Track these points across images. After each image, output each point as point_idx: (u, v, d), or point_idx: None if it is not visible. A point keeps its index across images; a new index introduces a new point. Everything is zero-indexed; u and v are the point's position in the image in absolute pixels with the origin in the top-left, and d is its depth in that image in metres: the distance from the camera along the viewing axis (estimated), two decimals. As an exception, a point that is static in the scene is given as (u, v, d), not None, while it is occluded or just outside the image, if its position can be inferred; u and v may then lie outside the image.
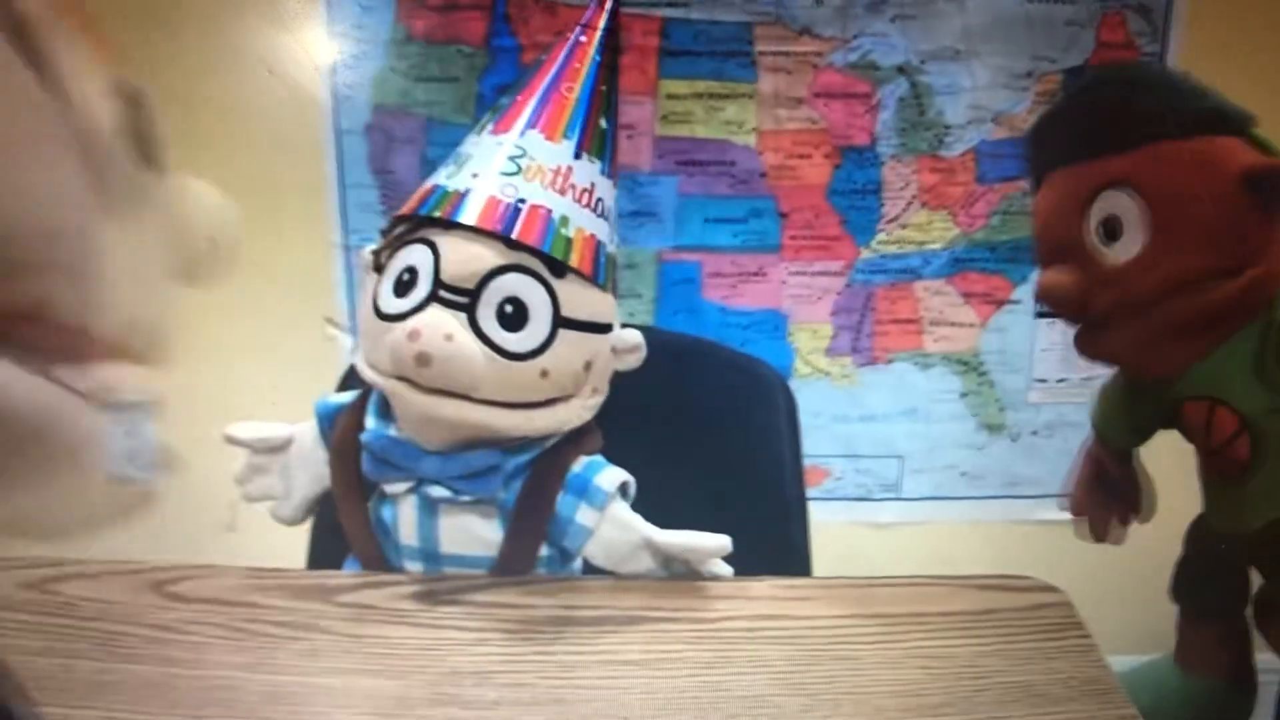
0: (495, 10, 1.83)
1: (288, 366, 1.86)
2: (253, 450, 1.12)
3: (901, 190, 1.94)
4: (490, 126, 1.03)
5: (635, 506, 1.04)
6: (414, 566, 1.04)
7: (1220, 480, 1.16)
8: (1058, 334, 2.04)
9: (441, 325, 0.93)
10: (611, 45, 1.07)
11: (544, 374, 0.97)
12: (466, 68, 1.85)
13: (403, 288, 0.97)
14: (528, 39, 1.84)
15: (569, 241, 0.98)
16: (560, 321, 0.97)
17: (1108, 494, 1.31)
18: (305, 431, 1.11)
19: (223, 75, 1.85)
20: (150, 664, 0.87)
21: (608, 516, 1.02)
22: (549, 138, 1.01)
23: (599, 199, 1.03)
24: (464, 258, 0.95)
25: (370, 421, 1.03)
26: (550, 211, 0.98)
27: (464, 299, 0.95)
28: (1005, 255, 2.00)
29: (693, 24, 1.84)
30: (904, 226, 1.96)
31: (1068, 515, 1.35)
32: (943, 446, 2.12)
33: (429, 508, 1.01)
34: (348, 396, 1.09)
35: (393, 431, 1.02)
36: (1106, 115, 1.07)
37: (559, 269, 0.97)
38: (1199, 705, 1.39)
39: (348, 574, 1.04)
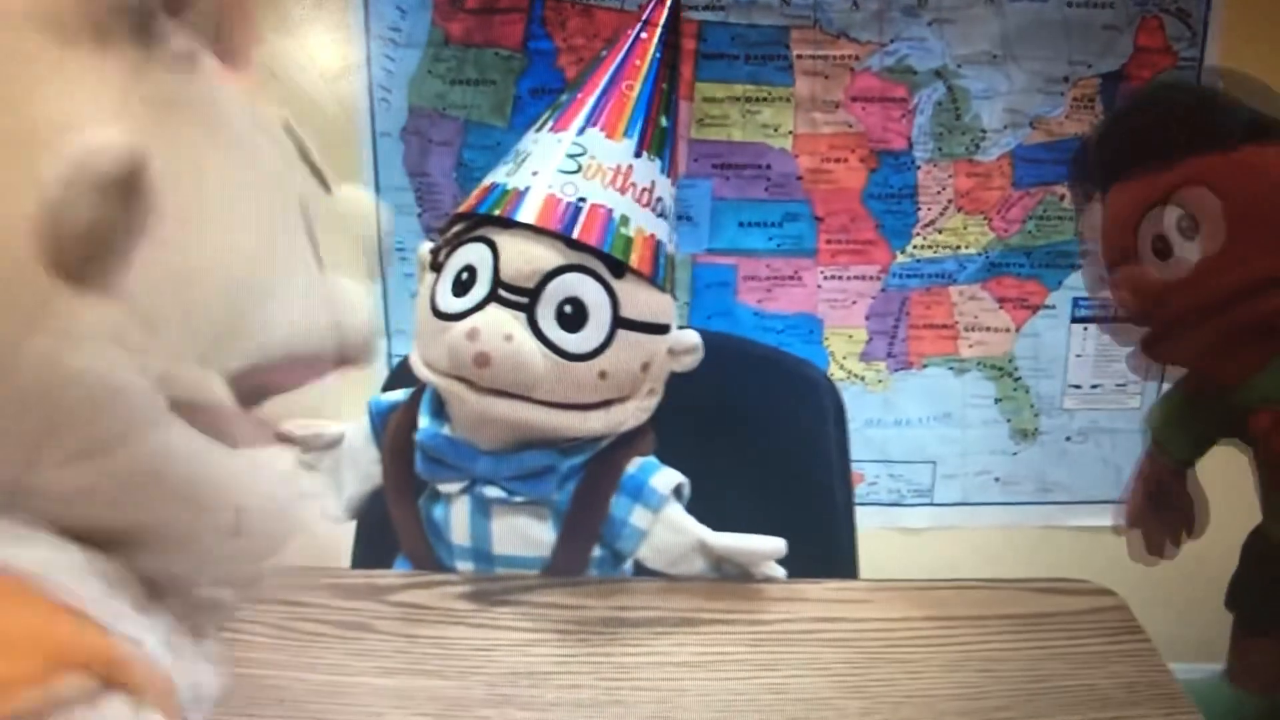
0: (532, 13, 1.83)
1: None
2: (303, 448, 1.11)
3: (937, 194, 1.94)
4: (550, 124, 1.02)
5: (685, 508, 1.04)
6: (465, 566, 1.04)
7: None
8: (1092, 340, 2.03)
9: (501, 325, 0.93)
10: (672, 43, 1.06)
11: (602, 375, 0.96)
12: (503, 70, 1.85)
13: (461, 287, 0.96)
14: (564, 42, 1.84)
15: (629, 241, 0.97)
16: (619, 322, 0.96)
17: (1163, 509, 1.29)
18: (356, 430, 1.11)
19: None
20: (200, 662, 0.87)
21: (662, 519, 1.01)
22: (609, 136, 1.00)
23: (659, 198, 1.01)
24: (524, 257, 0.94)
25: (424, 420, 1.02)
26: (610, 211, 0.97)
27: (523, 299, 0.94)
28: (1040, 260, 1.99)
29: (730, 27, 1.84)
30: (939, 231, 1.96)
31: (1101, 521, 1.35)
32: (976, 452, 2.11)
33: (482, 508, 1.01)
34: (401, 395, 1.09)
35: (447, 431, 1.01)
36: (1178, 120, 1.06)
37: (618, 269, 0.96)
38: None
39: (398, 573, 1.04)
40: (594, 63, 1.06)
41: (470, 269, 0.96)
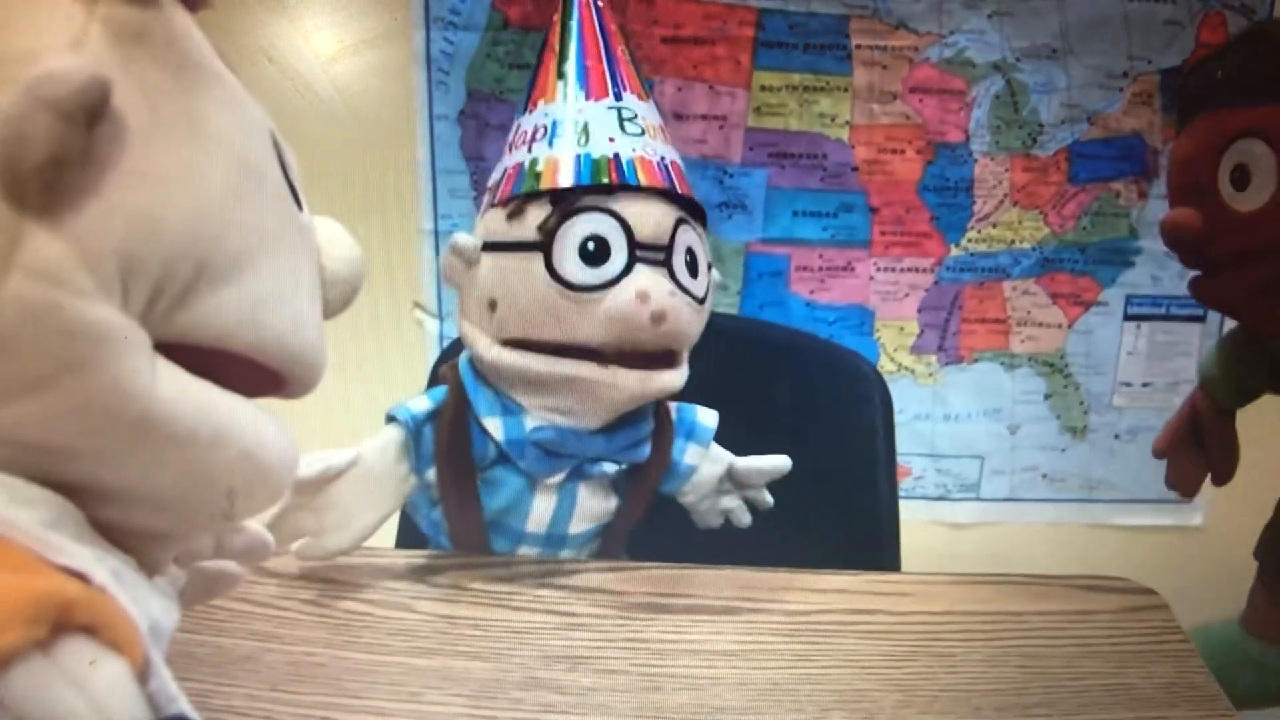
0: (591, -2, 1.83)
1: (375, 351, 1.86)
2: (313, 490, 0.99)
3: (993, 188, 1.93)
4: (581, 95, 1.03)
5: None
6: (530, 553, 1.05)
7: None
8: (1144, 338, 2.02)
9: (660, 284, 0.97)
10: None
11: (704, 320, 1.04)
12: (561, 55, 1.85)
13: (592, 258, 0.97)
14: (622, 28, 1.84)
15: (691, 189, 1.04)
16: (709, 265, 1.05)
17: (1195, 448, 1.29)
18: (374, 449, 1.02)
19: (313, 61, 1.86)
20: (238, 637, 0.88)
21: (709, 455, 1.09)
22: (640, 97, 1.05)
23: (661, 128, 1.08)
24: (652, 217, 0.99)
25: (497, 420, 1.02)
26: (677, 162, 1.04)
27: (661, 255, 0.99)
28: (1095, 257, 1.98)
29: (788, 15, 1.83)
30: (994, 225, 1.95)
31: (1148, 520, 1.35)
32: (1024, 448, 2.10)
33: (572, 492, 1.04)
34: (429, 400, 1.04)
35: (558, 421, 1.02)
36: (1256, 65, 1.05)
37: (698, 214, 1.04)
38: (1268, 671, 1.37)
39: (439, 554, 1.04)
40: (570, 31, 1.07)
41: (597, 238, 0.97)
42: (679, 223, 1.00)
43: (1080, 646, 0.91)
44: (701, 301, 1.02)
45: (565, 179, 0.98)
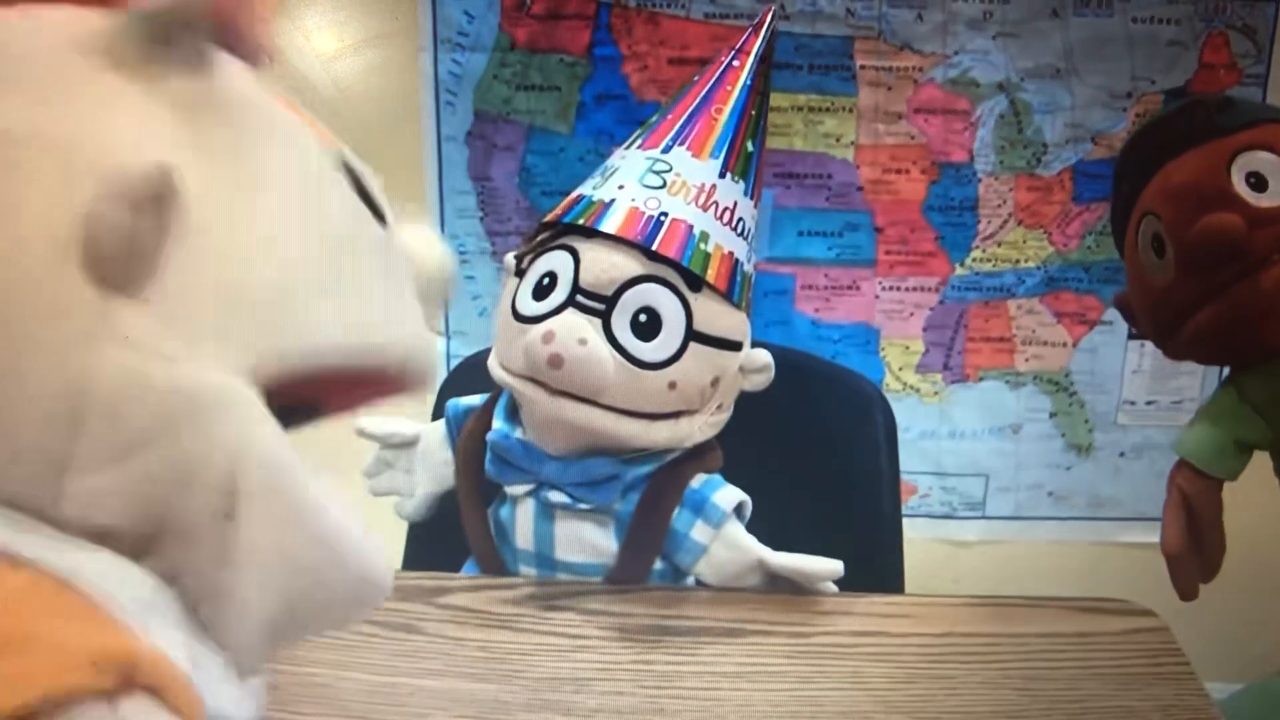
0: (598, 20, 1.84)
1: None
2: (381, 445, 1.16)
3: (998, 208, 1.93)
4: (639, 142, 1.05)
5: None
6: (528, 571, 1.06)
7: None
8: (1148, 356, 2.02)
9: (576, 329, 0.95)
10: (764, 72, 1.10)
11: (671, 385, 0.98)
12: (568, 76, 1.86)
13: (541, 291, 0.99)
14: (629, 49, 1.85)
15: (707, 257, 1.00)
16: (692, 335, 0.99)
17: (1195, 541, 1.28)
18: (431, 431, 1.14)
19: (320, 80, 1.87)
20: (250, 658, 0.88)
21: (721, 536, 1.03)
22: (696, 155, 1.03)
23: (740, 219, 1.04)
24: (604, 265, 0.97)
25: (498, 423, 1.05)
26: (691, 226, 1.00)
27: (600, 305, 0.97)
28: (1099, 275, 1.98)
29: (794, 37, 1.84)
30: (999, 244, 1.95)
31: (1152, 538, 1.32)
32: (1030, 466, 2.11)
33: (546, 512, 1.03)
34: (478, 399, 1.11)
35: (518, 434, 1.04)
36: (1222, 110, 1.05)
37: (695, 283, 0.99)
38: None
39: (446, 576, 1.05)
40: (686, 86, 1.09)
41: (551, 275, 0.99)
42: (641, 279, 0.98)
43: (1080, 669, 0.92)
44: (649, 366, 0.98)
45: (562, 215, 1.03)
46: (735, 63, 1.09)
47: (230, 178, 0.45)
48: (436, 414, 1.17)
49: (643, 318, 0.97)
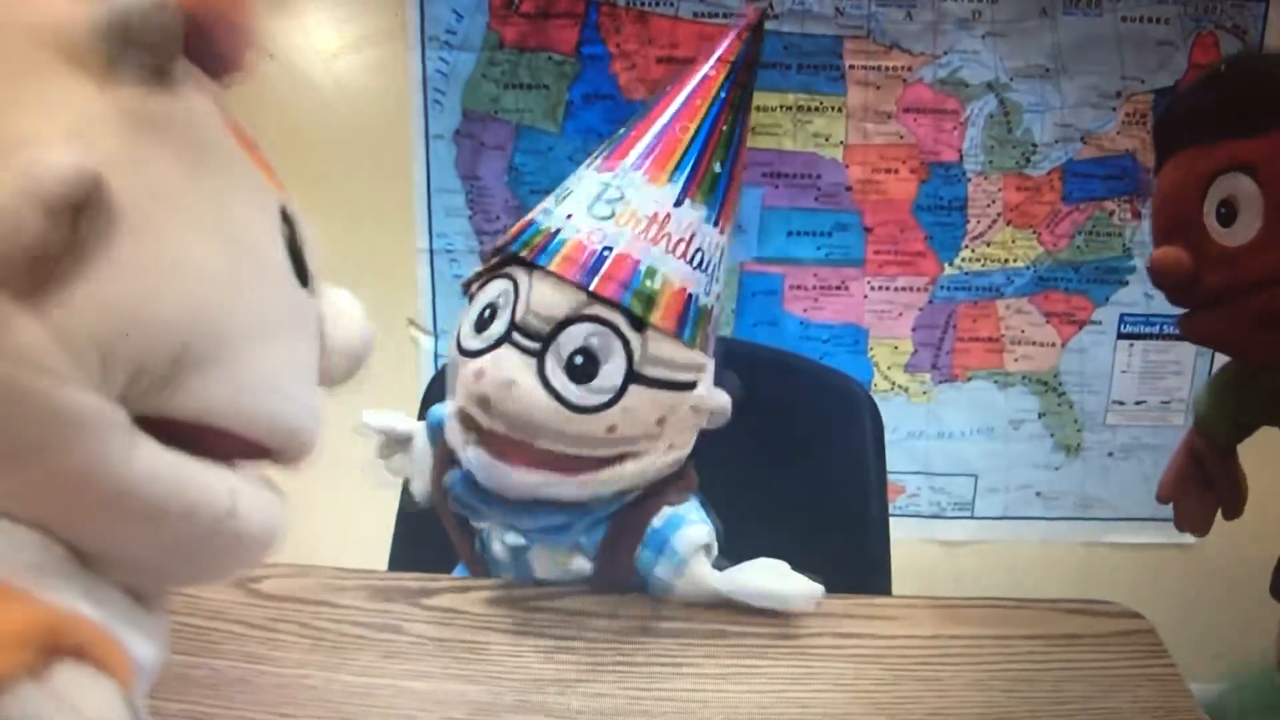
0: (586, 18, 1.84)
1: (369, 367, 1.86)
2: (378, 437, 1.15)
3: (987, 207, 1.94)
4: (599, 161, 0.99)
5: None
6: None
7: None
8: (1137, 356, 2.03)
9: (505, 369, 0.90)
10: (743, 81, 1.01)
11: (611, 429, 0.93)
12: (556, 75, 1.86)
13: (483, 323, 0.94)
14: (617, 48, 1.85)
15: (652, 296, 0.93)
16: (632, 377, 0.93)
17: (1201, 487, 1.28)
18: (421, 431, 1.13)
19: (310, 78, 1.87)
20: (232, 659, 0.88)
21: (686, 577, 0.99)
22: (652, 180, 0.96)
23: (698, 249, 0.97)
24: (541, 303, 0.91)
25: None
26: (637, 261, 0.93)
27: (535, 344, 0.91)
28: (1088, 275, 1.99)
29: (783, 36, 1.84)
30: (988, 244, 1.96)
31: (1141, 538, 1.33)
32: (1018, 466, 2.11)
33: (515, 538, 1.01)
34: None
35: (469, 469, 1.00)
36: (1238, 98, 1.05)
37: (639, 322, 0.93)
38: None
39: (431, 577, 1.05)
40: (656, 96, 1.01)
41: (493, 307, 0.94)
42: (577, 319, 0.91)
43: (1066, 670, 0.91)
44: (583, 410, 0.93)
45: (511, 241, 0.97)
46: (711, 72, 1.00)
47: (162, 206, 0.43)
48: (423, 413, 1.16)
49: (579, 359, 0.91)
